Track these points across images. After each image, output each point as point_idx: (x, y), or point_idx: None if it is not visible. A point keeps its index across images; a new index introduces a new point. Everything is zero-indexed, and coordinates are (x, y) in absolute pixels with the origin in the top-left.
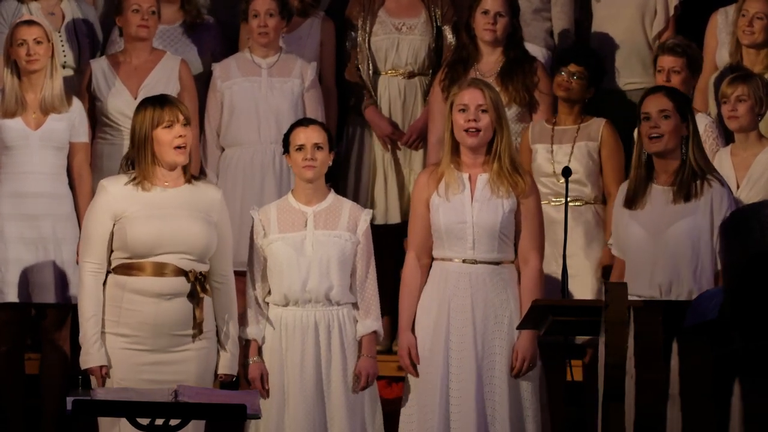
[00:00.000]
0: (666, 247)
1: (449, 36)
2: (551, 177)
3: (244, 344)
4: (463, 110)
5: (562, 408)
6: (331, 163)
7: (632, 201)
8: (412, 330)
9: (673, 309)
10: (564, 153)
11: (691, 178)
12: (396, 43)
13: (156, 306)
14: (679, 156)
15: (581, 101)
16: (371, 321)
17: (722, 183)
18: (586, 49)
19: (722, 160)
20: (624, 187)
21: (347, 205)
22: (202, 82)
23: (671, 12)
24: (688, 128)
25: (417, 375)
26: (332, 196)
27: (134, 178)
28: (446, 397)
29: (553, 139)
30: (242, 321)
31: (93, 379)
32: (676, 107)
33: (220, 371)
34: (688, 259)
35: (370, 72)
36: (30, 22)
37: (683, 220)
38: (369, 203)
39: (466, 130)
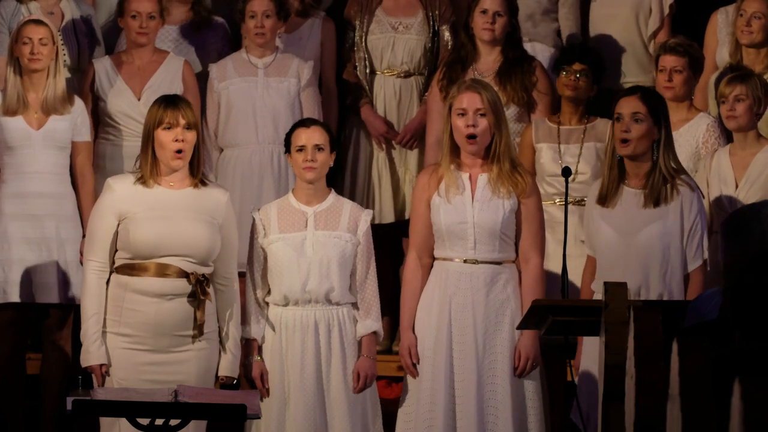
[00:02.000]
0: (636, 251)
1: (447, 36)
2: (559, 177)
3: (245, 343)
4: (462, 114)
5: (562, 408)
6: (332, 164)
7: (604, 199)
8: (413, 330)
9: (673, 309)
10: (572, 153)
11: (662, 182)
12: (392, 42)
13: (157, 306)
14: (650, 159)
15: (586, 100)
16: (371, 321)
17: (692, 188)
18: (588, 47)
19: (720, 160)
20: (597, 185)
21: (348, 205)
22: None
23: (666, 11)
24: (660, 132)
25: (417, 375)
26: (333, 196)
27: (140, 177)
28: (451, 398)
29: (560, 138)
30: (242, 320)
31: (93, 378)
32: (649, 111)
33: (221, 373)
34: (658, 264)
35: (367, 71)
36: (38, 22)
37: (654, 224)
38: (365, 203)
39: (466, 137)
